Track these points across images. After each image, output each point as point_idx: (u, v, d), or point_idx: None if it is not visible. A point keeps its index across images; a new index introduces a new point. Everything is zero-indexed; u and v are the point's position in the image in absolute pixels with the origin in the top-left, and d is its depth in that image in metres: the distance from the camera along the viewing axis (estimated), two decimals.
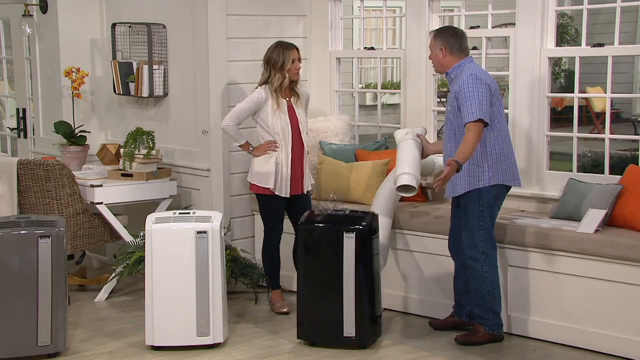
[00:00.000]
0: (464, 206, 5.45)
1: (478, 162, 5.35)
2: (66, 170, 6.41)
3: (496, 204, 5.43)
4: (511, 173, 5.43)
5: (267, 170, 5.96)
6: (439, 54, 5.46)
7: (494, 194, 5.38)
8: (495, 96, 5.35)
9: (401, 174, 5.52)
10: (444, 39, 5.45)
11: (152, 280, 5.40)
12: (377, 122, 7.08)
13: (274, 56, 5.94)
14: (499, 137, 5.36)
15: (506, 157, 5.40)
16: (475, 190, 5.36)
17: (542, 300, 5.53)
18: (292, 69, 5.96)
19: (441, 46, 5.44)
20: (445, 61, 5.45)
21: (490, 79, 5.38)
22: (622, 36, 5.86)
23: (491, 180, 5.35)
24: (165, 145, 7.02)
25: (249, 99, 6.00)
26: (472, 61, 5.45)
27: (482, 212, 5.38)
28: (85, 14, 7.51)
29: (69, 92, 7.21)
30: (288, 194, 6.01)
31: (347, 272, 5.35)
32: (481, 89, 5.24)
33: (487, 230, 5.40)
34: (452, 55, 5.43)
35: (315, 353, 5.40)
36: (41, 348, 5.26)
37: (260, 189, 6.02)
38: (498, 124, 5.35)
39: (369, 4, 8.28)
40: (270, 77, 5.95)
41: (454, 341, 5.52)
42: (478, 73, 5.33)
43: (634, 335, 5.17)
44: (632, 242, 5.14)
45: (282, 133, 5.96)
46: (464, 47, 5.46)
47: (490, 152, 5.35)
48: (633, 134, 11.92)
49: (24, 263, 5.19)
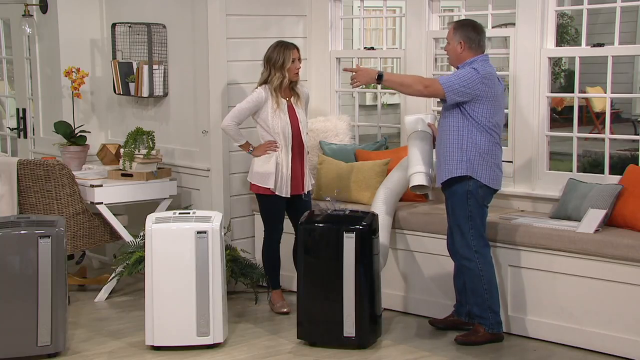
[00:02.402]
0: (451, 206, 5.44)
1: (455, 154, 5.32)
2: (66, 170, 6.42)
3: (484, 204, 5.41)
4: (495, 175, 5.37)
5: (267, 170, 5.96)
6: (457, 47, 5.37)
7: (480, 195, 5.36)
8: (496, 96, 5.31)
9: (414, 174, 5.54)
10: (465, 33, 5.36)
11: (152, 280, 5.40)
12: (377, 122, 7.08)
13: (274, 55, 5.94)
14: (484, 134, 5.31)
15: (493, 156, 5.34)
16: (458, 185, 5.34)
17: (542, 300, 5.53)
18: (292, 69, 5.96)
19: (461, 40, 5.35)
20: (462, 56, 5.37)
21: (494, 80, 5.32)
22: (622, 36, 5.86)
23: (468, 171, 5.30)
24: (165, 145, 7.02)
25: (249, 99, 6.00)
26: (487, 58, 5.39)
27: (470, 213, 5.37)
28: (85, 14, 7.51)
29: (69, 92, 7.21)
30: (288, 194, 6.01)
31: (347, 272, 5.35)
32: (471, 74, 5.21)
33: (477, 229, 5.39)
34: (469, 50, 5.35)
35: (315, 353, 5.40)
36: (41, 348, 5.26)
37: (260, 189, 6.02)
38: (487, 123, 5.30)
39: (369, 4, 8.28)
40: (270, 76, 5.95)
41: (454, 341, 5.52)
42: (480, 67, 5.27)
43: (634, 335, 5.18)
44: (632, 242, 5.14)
45: (283, 133, 5.96)
46: (482, 44, 5.39)
47: (468, 145, 5.30)
48: (633, 134, 11.92)
49: (24, 263, 5.19)
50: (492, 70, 5.38)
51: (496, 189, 5.46)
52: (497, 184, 5.44)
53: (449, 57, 5.51)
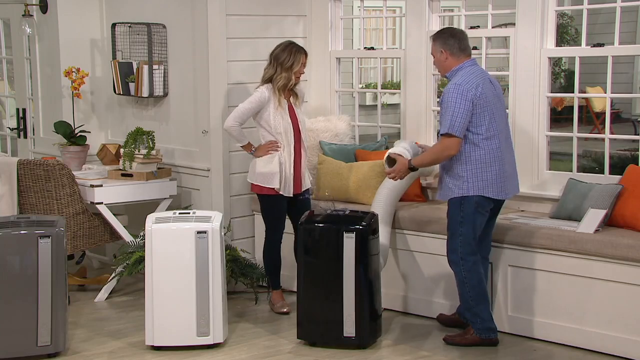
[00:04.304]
0: (449, 210, 5.44)
1: (458, 172, 5.32)
2: (66, 170, 6.42)
3: (479, 212, 5.34)
4: (495, 184, 5.31)
5: (271, 170, 5.96)
6: (441, 56, 5.41)
7: (474, 201, 5.33)
8: (487, 103, 5.26)
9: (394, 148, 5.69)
10: (442, 40, 5.41)
11: (152, 280, 5.40)
12: (377, 122, 7.08)
13: (284, 55, 5.93)
14: (484, 146, 5.27)
15: (489, 167, 5.28)
16: (457, 197, 5.35)
17: (542, 300, 5.53)
18: (298, 73, 5.98)
19: (441, 48, 5.40)
20: (448, 63, 5.39)
21: (484, 87, 5.27)
22: (622, 36, 5.85)
23: (470, 191, 5.29)
24: (165, 145, 7.02)
25: (251, 99, 5.99)
26: (472, 64, 5.38)
27: (462, 219, 5.34)
28: (85, 14, 7.51)
29: (69, 92, 7.22)
30: (291, 193, 6.02)
31: (347, 272, 5.35)
32: (460, 102, 5.19)
33: (465, 237, 5.35)
34: (452, 56, 5.37)
35: (315, 353, 5.41)
36: (41, 348, 5.26)
37: (263, 189, 6.01)
38: (486, 133, 5.27)
39: (369, 4, 8.28)
40: (275, 75, 5.95)
41: (443, 340, 5.53)
42: (465, 83, 5.24)
43: (634, 335, 5.18)
44: (632, 242, 5.14)
45: (285, 133, 5.96)
46: (463, 47, 5.39)
47: (467, 161, 5.29)
48: (633, 134, 11.92)
49: (24, 263, 5.19)
50: (478, 77, 5.32)
51: (496, 198, 5.36)
52: (496, 193, 5.33)
53: (438, 69, 5.54)
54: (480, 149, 5.27)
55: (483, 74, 5.39)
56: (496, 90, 5.40)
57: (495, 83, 5.46)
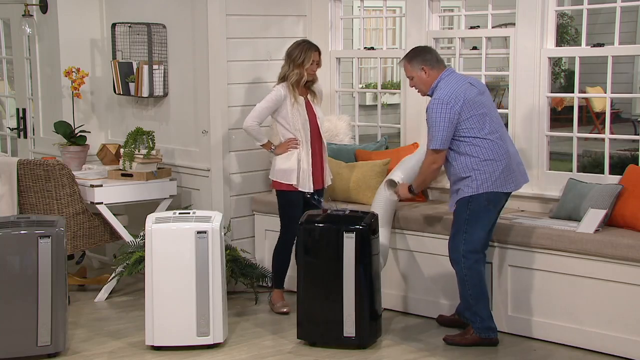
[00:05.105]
0: (455, 210, 5.44)
1: (465, 175, 5.33)
2: (66, 170, 6.42)
3: (488, 209, 5.36)
4: (504, 177, 5.34)
5: (289, 167, 6.00)
6: (422, 74, 5.41)
7: (484, 198, 5.34)
8: (475, 105, 5.27)
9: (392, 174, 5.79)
10: (421, 57, 5.42)
11: (152, 280, 5.40)
12: (377, 122, 7.08)
13: (296, 52, 6.02)
14: (485, 144, 5.29)
15: (495, 163, 5.30)
16: (465, 197, 5.36)
17: (542, 300, 5.53)
18: (309, 69, 6.03)
19: (422, 65, 5.40)
20: (429, 79, 5.39)
21: (467, 92, 5.28)
22: (622, 36, 5.86)
23: (479, 189, 5.31)
24: (165, 145, 7.02)
25: (268, 97, 6.03)
26: (450, 73, 5.39)
27: (468, 217, 5.35)
28: (85, 14, 7.51)
29: (69, 92, 7.21)
30: (311, 188, 6.04)
31: (347, 272, 5.35)
32: (444, 116, 5.22)
33: (470, 234, 5.35)
34: (432, 69, 5.39)
35: (315, 353, 5.41)
36: (41, 348, 5.26)
37: (282, 185, 6.05)
38: (484, 132, 5.28)
39: (369, 4, 8.28)
40: (288, 72, 6.01)
41: (443, 340, 5.52)
42: (445, 96, 5.25)
43: (634, 335, 5.17)
44: (632, 242, 5.14)
45: (303, 129, 6.00)
46: (440, 59, 5.46)
47: (471, 163, 5.30)
48: (633, 134, 11.93)
49: (24, 263, 5.19)
50: (459, 84, 5.33)
51: (504, 191, 5.39)
52: (506, 185, 5.37)
53: (419, 89, 5.52)
54: (482, 148, 5.29)
55: (462, 80, 5.39)
56: (479, 89, 5.41)
57: (477, 82, 5.48)
